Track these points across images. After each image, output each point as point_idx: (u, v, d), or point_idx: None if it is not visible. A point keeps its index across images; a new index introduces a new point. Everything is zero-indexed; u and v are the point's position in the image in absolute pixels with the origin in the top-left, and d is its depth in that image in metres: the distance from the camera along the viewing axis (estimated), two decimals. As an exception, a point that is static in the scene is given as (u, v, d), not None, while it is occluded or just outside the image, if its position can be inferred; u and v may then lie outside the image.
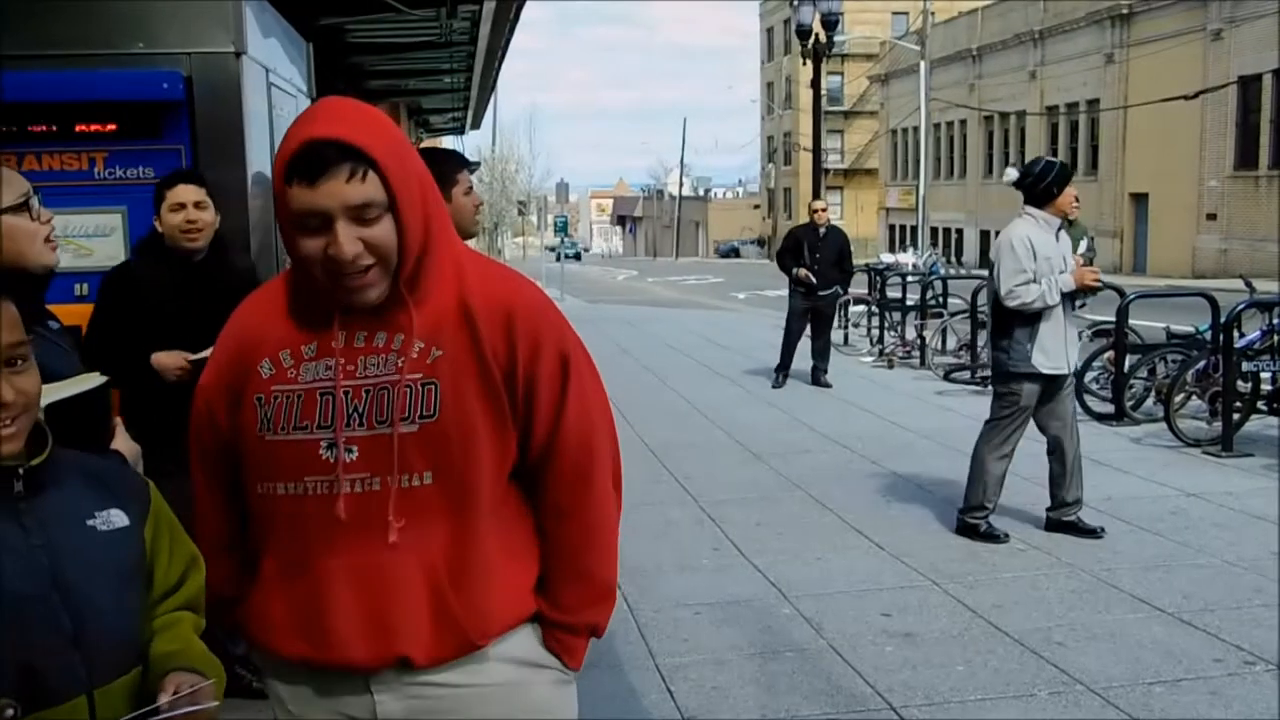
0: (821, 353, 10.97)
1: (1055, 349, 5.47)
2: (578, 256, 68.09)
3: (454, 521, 1.70)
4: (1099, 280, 5.59)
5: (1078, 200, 5.62)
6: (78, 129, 4.17)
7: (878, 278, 15.03)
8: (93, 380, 2.40)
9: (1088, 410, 8.62)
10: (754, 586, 5.08)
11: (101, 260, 4.04)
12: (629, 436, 8.47)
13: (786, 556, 5.49)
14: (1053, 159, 5.85)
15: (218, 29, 4.29)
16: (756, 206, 68.46)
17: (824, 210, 11.00)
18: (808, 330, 10.96)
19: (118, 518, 1.67)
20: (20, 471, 1.58)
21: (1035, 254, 5.41)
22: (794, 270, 10.67)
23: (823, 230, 10.74)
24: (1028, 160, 6.37)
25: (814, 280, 10.57)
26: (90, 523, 1.64)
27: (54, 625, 1.56)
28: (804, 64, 22.32)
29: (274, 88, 4.94)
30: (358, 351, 1.70)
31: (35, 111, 4.13)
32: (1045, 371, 5.48)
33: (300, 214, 1.61)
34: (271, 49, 4.95)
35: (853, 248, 11.41)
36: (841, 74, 55.39)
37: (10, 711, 1.49)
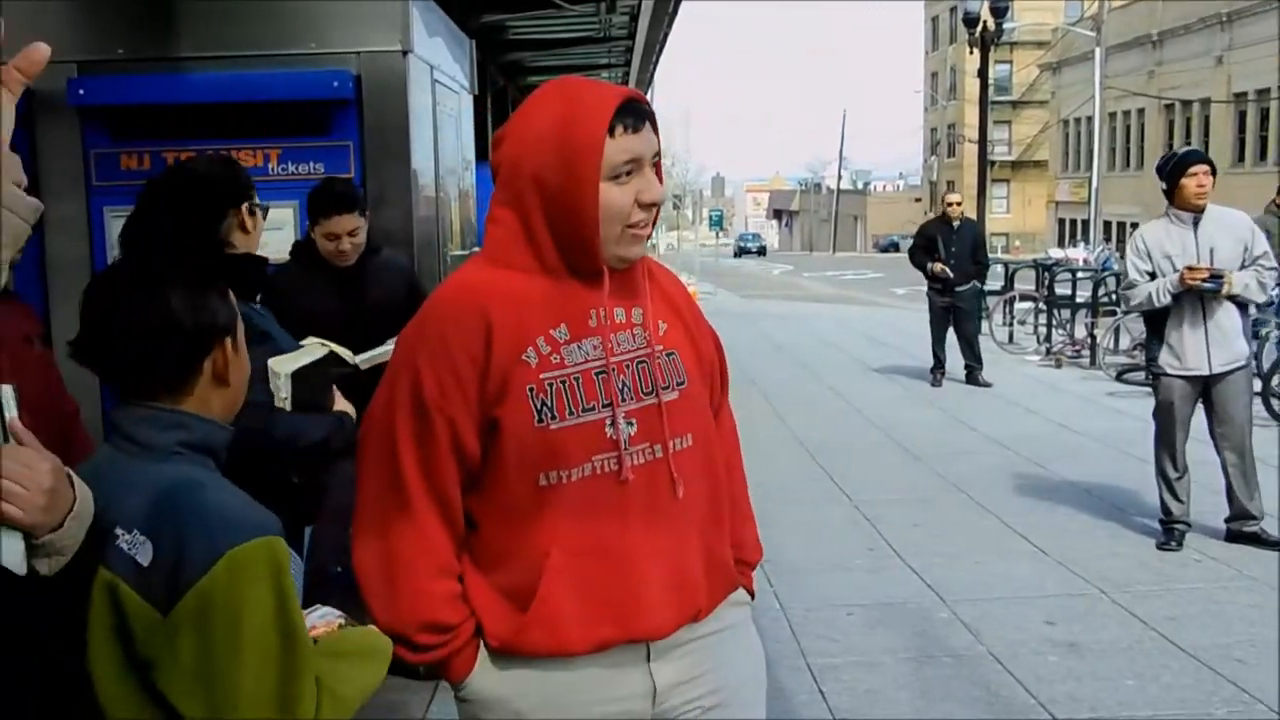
0: (970, 350, 10.62)
1: (1186, 350, 5.24)
2: (761, 251, 63.29)
3: (707, 475, 1.86)
4: (1198, 280, 5.06)
5: (1203, 186, 5.16)
6: (255, 127, 4.36)
7: (1046, 274, 14.49)
8: (319, 350, 2.66)
9: (1275, 415, 8.12)
10: (909, 589, 4.96)
11: (273, 253, 4.20)
12: (784, 434, 8.40)
13: (944, 559, 5.34)
14: (1179, 149, 5.58)
15: (386, 28, 4.41)
16: (918, 200, 66.79)
17: (958, 204, 10.68)
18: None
19: None
20: None
21: (1150, 253, 5.28)
22: (929, 266, 10.39)
23: (957, 224, 10.44)
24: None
25: (950, 275, 10.27)
26: None
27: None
28: (970, 53, 21.63)
29: (438, 84, 5.06)
30: (607, 329, 1.78)
31: (218, 111, 4.33)
32: (1172, 373, 5.28)
33: (622, 163, 1.70)
34: (436, 47, 5.08)
35: (1019, 243, 11.06)
36: (1010, 62, 53.53)
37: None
